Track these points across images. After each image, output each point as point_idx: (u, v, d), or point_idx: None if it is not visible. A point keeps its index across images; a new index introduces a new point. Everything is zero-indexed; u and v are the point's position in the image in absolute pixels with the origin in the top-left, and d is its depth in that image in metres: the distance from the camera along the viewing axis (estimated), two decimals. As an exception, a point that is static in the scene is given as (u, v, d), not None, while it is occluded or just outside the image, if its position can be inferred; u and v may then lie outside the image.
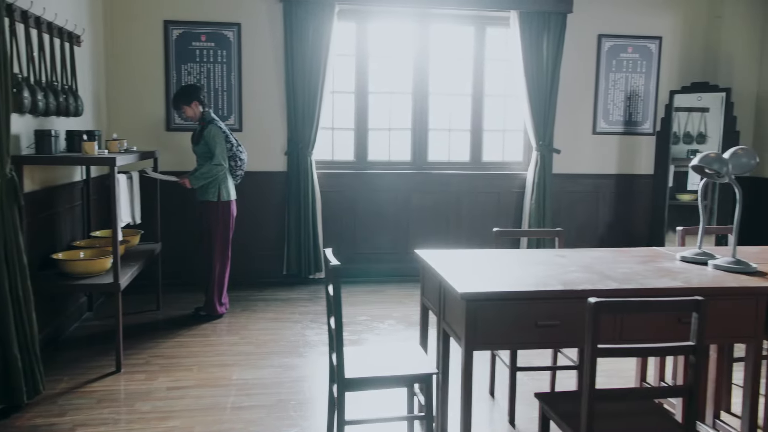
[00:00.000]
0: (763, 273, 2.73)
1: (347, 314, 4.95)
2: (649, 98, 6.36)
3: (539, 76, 5.99)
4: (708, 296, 2.47)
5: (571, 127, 6.29)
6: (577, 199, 6.38)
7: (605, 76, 6.29)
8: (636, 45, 6.28)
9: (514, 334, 2.39)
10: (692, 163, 2.82)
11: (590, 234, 6.41)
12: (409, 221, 6.11)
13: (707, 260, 2.88)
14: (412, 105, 6.19)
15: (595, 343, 1.99)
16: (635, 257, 3.06)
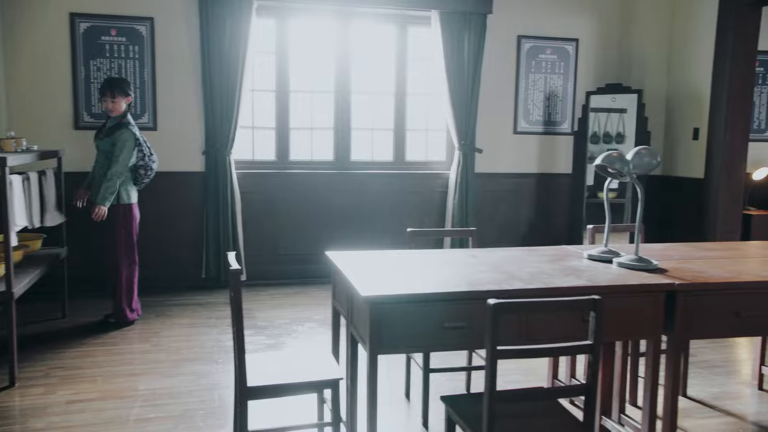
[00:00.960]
0: (663, 270, 2.79)
1: (268, 317, 4.83)
2: (568, 99, 6.50)
3: (460, 75, 6.02)
4: (609, 294, 2.51)
5: (492, 127, 6.35)
6: (499, 198, 6.46)
7: (525, 76, 6.39)
8: (554, 47, 6.41)
9: (420, 337, 2.35)
10: (595, 162, 2.86)
11: (512, 233, 6.50)
12: (332, 222, 6.04)
13: (612, 258, 2.93)
14: (334, 104, 6.12)
15: (495, 344, 1.97)
16: (545, 256, 3.08)
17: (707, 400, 3.50)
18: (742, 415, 3.32)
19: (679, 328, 2.59)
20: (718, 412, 3.36)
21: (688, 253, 3.24)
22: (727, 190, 5.74)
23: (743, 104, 5.69)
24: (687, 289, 2.56)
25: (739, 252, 3.27)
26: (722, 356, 4.19)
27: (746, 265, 2.93)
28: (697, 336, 2.76)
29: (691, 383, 3.70)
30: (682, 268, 2.84)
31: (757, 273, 2.75)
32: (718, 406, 3.43)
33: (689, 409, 3.38)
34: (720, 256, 3.14)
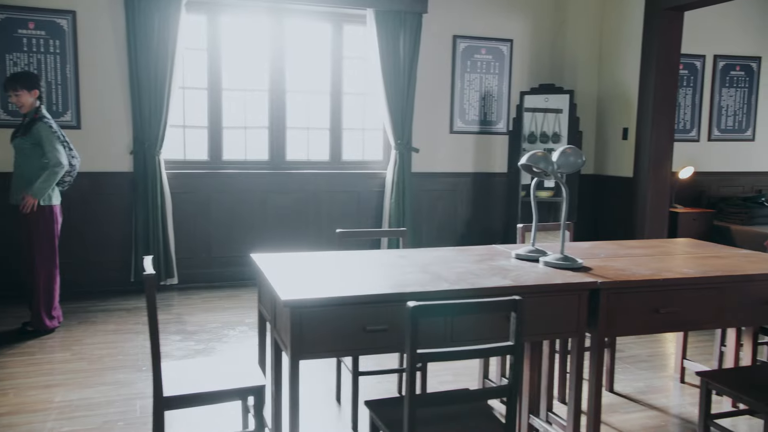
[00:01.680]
0: (588, 268, 2.82)
1: (198, 321, 4.69)
2: (503, 99, 6.56)
3: (396, 75, 6.00)
4: (533, 294, 2.52)
5: (429, 126, 6.36)
6: (437, 198, 6.47)
7: (461, 76, 6.42)
8: (489, 47, 6.46)
9: (342, 341, 2.30)
10: (520, 162, 2.87)
11: (450, 232, 6.52)
12: (267, 223, 5.92)
13: (539, 257, 2.94)
14: (268, 102, 6.00)
15: (414, 348, 1.93)
16: (474, 256, 3.07)
17: (633, 394, 3.57)
18: (665, 408, 3.40)
19: (601, 325, 2.61)
20: (643, 406, 3.43)
21: (614, 251, 3.29)
22: (654, 188, 5.91)
23: (668, 106, 5.87)
24: (609, 287, 2.59)
25: (662, 249, 3.34)
26: (649, 351, 4.29)
27: (667, 262, 3.00)
28: (619, 333, 2.79)
29: (618, 378, 3.77)
30: (606, 266, 2.88)
31: (676, 270, 2.81)
32: (642, 400, 3.50)
33: (615, 404, 3.44)
34: (644, 254, 3.20)
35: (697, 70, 7.18)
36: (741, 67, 7.33)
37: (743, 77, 7.37)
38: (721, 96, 7.33)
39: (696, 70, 7.18)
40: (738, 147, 7.43)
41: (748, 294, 2.80)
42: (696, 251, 3.31)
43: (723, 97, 7.34)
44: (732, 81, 7.34)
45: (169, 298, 5.34)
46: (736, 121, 7.40)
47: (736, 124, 7.39)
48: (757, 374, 2.65)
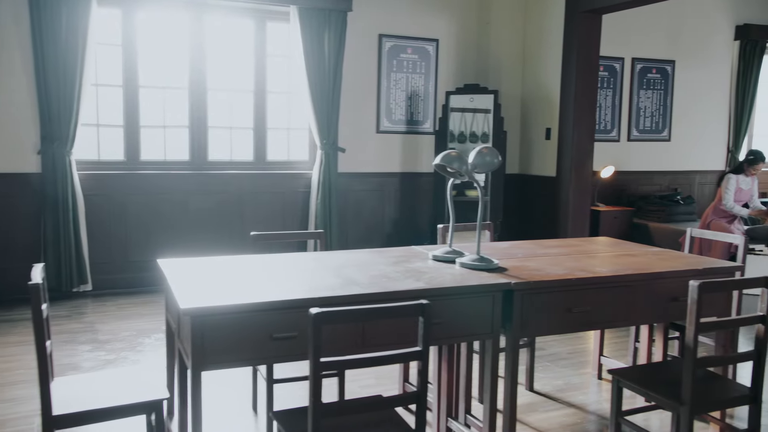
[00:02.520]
0: (503, 269, 2.81)
1: (111, 330, 4.47)
2: (429, 98, 6.56)
3: (321, 73, 5.90)
4: (447, 296, 2.48)
5: (355, 126, 6.29)
6: (364, 198, 6.41)
7: (387, 75, 6.38)
8: (415, 46, 6.45)
9: (249, 350, 2.20)
10: (434, 162, 2.83)
11: (377, 232, 6.47)
12: (188, 225, 5.72)
13: (455, 258, 2.91)
14: (189, 101, 5.80)
15: (317, 356, 1.85)
16: (391, 258, 3.02)
17: (552, 392, 3.60)
18: (582, 405, 3.44)
19: (515, 326, 2.60)
20: (561, 404, 3.46)
21: (532, 250, 3.31)
22: (576, 187, 6.03)
23: (588, 106, 6.00)
24: (523, 288, 2.58)
25: (578, 248, 3.37)
26: (569, 348, 4.35)
27: (582, 261, 3.02)
28: (533, 334, 2.80)
29: (538, 377, 3.80)
30: (522, 266, 2.88)
31: (589, 269, 2.83)
32: (561, 398, 3.53)
33: (535, 404, 3.46)
34: (560, 253, 3.22)
35: (616, 72, 7.38)
36: (657, 70, 7.59)
37: (659, 80, 7.63)
38: (639, 97, 7.57)
39: (615, 72, 7.38)
40: (655, 147, 7.68)
41: (657, 291, 2.85)
42: (610, 250, 3.36)
43: (641, 99, 7.58)
44: (649, 83, 7.58)
45: (82, 305, 5.07)
46: (653, 122, 7.65)
47: (653, 124, 7.64)
48: (664, 370, 2.70)
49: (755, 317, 2.47)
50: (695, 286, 2.31)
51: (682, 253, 3.37)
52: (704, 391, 2.51)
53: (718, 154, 8.11)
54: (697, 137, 7.92)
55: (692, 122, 7.89)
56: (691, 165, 7.96)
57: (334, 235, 6.04)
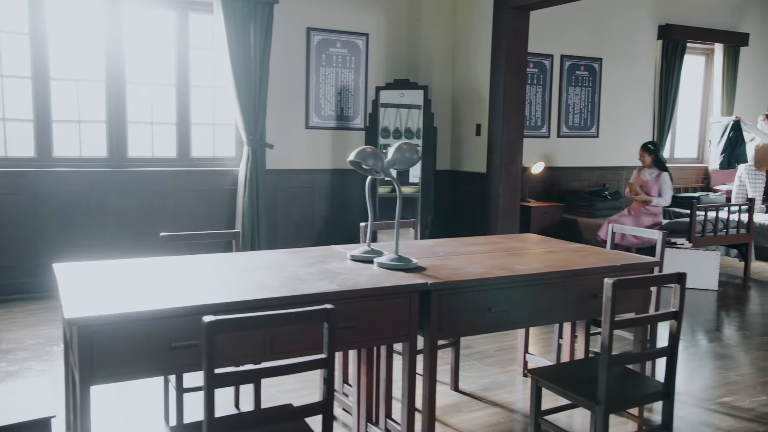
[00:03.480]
0: (422, 269, 2.73)
1: (17, 338, 4.19)
2: (359, 94, 6.46)
3: (247, 67, 5.71)
4: (361, 298, 2.38)
5: (283, 122, 6.12)
6: (293, 195, 6.25)
7: (316, 70, 6.23)
8: (344, 40, 6.33)
9: (145, 361, 2.04)
10: (349, 158, 2.72)
11: (307, 230, 6.33)
12: (106, 225, 5.43)
13: (373, 258, 2.82)
14: (106, 94, 5.51)
15: (211, 368, 1.72)
16: (308, 258, 2.90)
17: (477, 392, 3.56)
18: (507, 404, 3.41)
19: (433, 327, 2.53)
20: (486, 403, 3.41)
21: (454, 248, 3.24)
22: (506, 183, 6.04)
23: (517, 103, 6.01)
24: (440, 288, 2.51)
25: (501, 246, 3.33)
26: (497, 345, 4.32)
27: (503, 259, 2.97)
28: (453, 334, 2.74)
29: (464, 376, 3.75)
30: (442, 265, 2.81)
31: (508, 267, 2.78)
32: (486, 397, 3.49)
33: (459, 404, 3.40)
34: (483, 251, 3.17)
35: (546, 69, 7.46)
36: (585, 68, 7.71)
37: (587, 77, 7.75)
38: (568, 94, 7.67)
39: (545, 69, 7.45)
40: (584, 143, 7.81)
41: (577, 289, 2.83)
42: (532, 247, 3.34)
43: (570, 96, 7.68)
44: (577, 80, 7.70)
45: (-14, 312, 4.75)
46: (582, 118, 7.77)
47: (582, 121, 7.76)
48: (582, 369, 2.68)
49: (668, 313, 2.47)
50: (609, 283, 2.29)
51: (603, 249, 3.38)
52: (620, 389, 2.50)
53: (644, 150, 8.30)
54: (623, 134, 8.09)
55: (619, 119, 8.06)
56: (618, 161, 8.12)
57: (262, 234, 5.87)
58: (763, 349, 4.40)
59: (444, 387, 3.59)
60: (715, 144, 7.73)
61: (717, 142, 7.66)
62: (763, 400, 3.51)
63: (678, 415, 3.28)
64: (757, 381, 3.81)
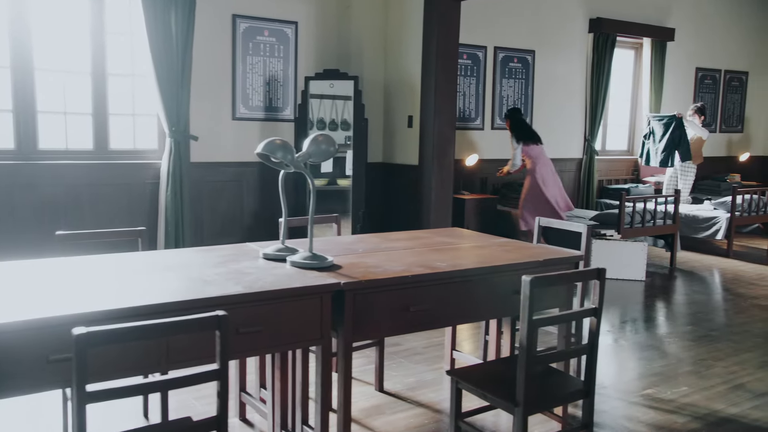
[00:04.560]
0: (338, 267, 2.59)
1: None
2: (289, 84, 6.25)
3: (169, 55, 5.42)
4: (269, 301, 2.23)
5: (209, 112, 5.87)
6: (220, 189, 6.01)
7: (243, 59, 5.99)
8: (272, 28, 6.11)
9: (18, 377, 1.84)
10: (256, 150, 2.56)
11: (235, 225, 6.10)
12: (12, 223, 5.08)
13: (287, 257, 2.66)
14: (11, 82, 5.12)
15: (82, 384, 1.54)
16: (218, 257, 2.73)
17: (402, 392, 3.45)
18: (432, 404, 3.32)
19: (347, 329, 2.40)
20: (410, 404, 3.31)
21: (376, 245, 3.12)
22: (439, 176, 5.96)
23: (449, 94, 5.93)
24: (354, 288, 2.38)
25: (425, 241, 3.22)
26: (426, 342, 4.23)
27: (425, 256, 2.87)
28: (369, 336, 2.61)
29: (390, 375, 3.65)
30: (360, 263, 2.68)
31: (428, 264, 2.67)
32: (411, 397, 3.39)
33: (383, 405, 3.29)
34: (405, 247, 3.06)
35: (479, 61, 7.42)
36: (518, 59, 7.71)
37: (521, 69, 7.76)
38: (502, 86, 7.65)
39: (479, 61, 7.41)
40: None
41: (499, 285, 2.75)
42: (458, 242, 3.25)
43: (504, 88, 7.67)
44: (511, 72, 7.69)
45: None
46: (515, 110, 7.76)
47: (515, 113, 7.75)
48: (503, 368, 2.59)
49: (588, 310, 2.40)
50: (527, 281, 2.20)
51: (529, 244, 3.32)
52: (540, 389, 2.42)
53: (577, 142, 8.40)
54: (556, 126, 8.15)
55: (552, 111, 8.11)
56: (551, 153, 8.10)
57: (187, 231, 5.61)
58: (686, 339, 4.46)
59: (368, 388, 3.48)
60: (655, 141, 7.83)
61: (659, 139, 7.77)
62: (683, 391, 3.53)
63: (602, 410, 3.26)
64: (678, 371, 3.84)
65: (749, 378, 3.75)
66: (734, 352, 4.18)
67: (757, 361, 4.03)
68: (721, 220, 7.28)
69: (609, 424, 3.13)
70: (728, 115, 10.25)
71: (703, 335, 4.54)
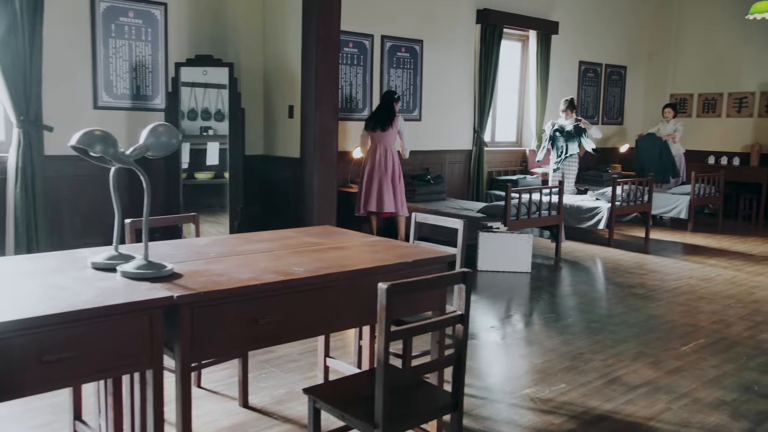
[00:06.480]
0: (178, 275, 2.27)
1: None
2: (159, 70, 5.76)
3: (13, 35, 4.79)
4: (81, 321, 1.88)
5: (65, 101, 5.29)
6: (81, 185, 5.45)
7: (104, 42, 5.45)
8: (138, 9, 5.59)
9: None
10: (70, 143, 2.19)
11: (100, 225, 5.55)
12: None
13: (118, 265, 2.31)
14: None
15: None
16: (41, 267, 2.34)
17: (269, 406, 3.17)
18: (300, 418, 3.05)
19: (183, 349, 2.08)
20: (276, 419, 3.04)
21: (233, 247, 2.81)
22: (322, 169, 5.69)
23: (331, 83, 5.67)
24: (191, 301, 2.07)
25: (288, 242, 2.94)
26: (301, 348, 3.96)
27: (283, 259, 2.58)
28: (212, 355, 2.31)
29: (259, 387, 3.35)
30: (205, 270, 2.36)
31: (283, 270, 2.40)
32: (278, 412, 3.11)
33: (246, 423, 2.99)
34: (265, 249, 2.77)
35: (366, 50, 7.20)
36: (406, 49, 7.55)
37: (408, 59, 7.61)
38: (390, 76, 7.47)
39: (365, 50, 7.19)
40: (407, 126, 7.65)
41: (364, 290, 2.51)
42: (325, 242, 2.99)
43: (392, 78, 7.50)
44: (399, 62, 7.53)
45: None
46: (404, 101, 7.62)
47: (404, 104, 7.61)
48: (364, 383, 2.36)
49: (454, 317, 2.21)
50: (383, 289, 1.97)
51: (400, 243, 3.11)
52: (404, 405, 2.21)
53: (466, 133, 8.37)
54: (445, 117, 8.08)
55: (441, 103, 8.03)
56: (441, 145, 8.11)
57: (41, 231, 5.04)
58: (567, 332, 4.44)
59: (231, 403, 3.17)
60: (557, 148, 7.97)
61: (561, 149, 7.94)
62: (562, 389, 3.47)
63: (482, 416, 3.12)
64: (558, 368, 3.78)
65: (624, 371, 3.75)
66: (612, 344, 4.19)
67: (632, 352, 4.05)
68: (603, 210, 7.46)
69: (485, 431, 2.99)
70: (609, 108, 10.61)
71: (583, 328, 4.54)
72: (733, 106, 10.05)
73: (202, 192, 5.87)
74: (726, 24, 9.94)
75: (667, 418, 3.16)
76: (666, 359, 3.94)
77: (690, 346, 4.20)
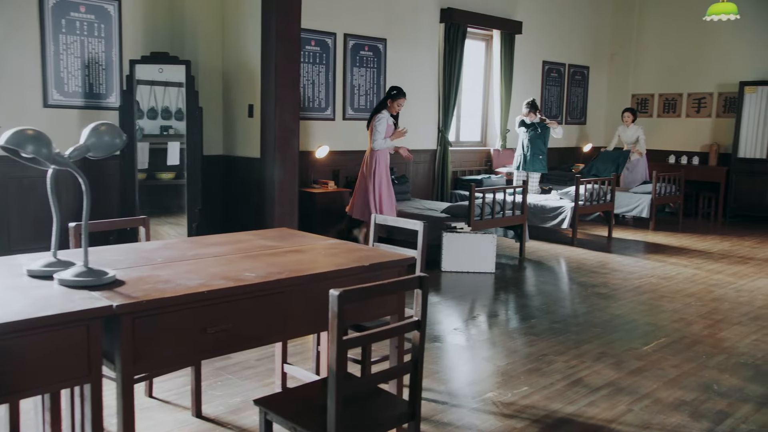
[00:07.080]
0: (120, 283, 2.15)
1: None
2: (113, 68, 5.58)
3: (-43, 30, 4.61)
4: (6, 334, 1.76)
5: (11, 99, 5.08)
6: (30, 186, 5.24)
7: (54, 38, 5.25)
8: (90, 4, 5.40)
9: None
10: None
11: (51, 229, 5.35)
12: None
13: (55, 273, 2.18)
14: None
15: None
16: (-32, 276, 2.18)
17: (223, 415, 3.06)
18: (253, 428, 2.95)
19: (125, 362, 1.97)
20: (230, 429, 2.93)
21: (183, 251, 2.69)
22: (282, 169, 5.57)
23: (291, 81, 5.55)
24: (132, 311, 1.95)
25: (241, 246, 2.84)
26: (260, 353, 3.84)
27: (234, 264, 2.48)
28: (157, 366, 2.19)
29: (213, 395, 3.24)
30: (150, 277, 2.24)
31: (233, 276, 2.29)
32: (232, 421, 3.00)
33: (198, 435, 2.88)
34: (217, 254, 2.66)
35: (329, 48, 7.09)
36: (369, 48, 7.47)
37: (372, 58, 7.53)
38: (353, 75, 7.38)
39: (328, 48, 7.08)
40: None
41: (319, 295, 2.42)
42: (281, 245, 2.89)
43: (355, 77, 7.41)
44: (362, 61, 7.44)
45: None
46: (368, 100, 7.54)
47: (368, 103, 7.52)
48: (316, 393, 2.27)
49: (411, 324, 2.14)
50: (335, 296, 1.89)
51: (358, 245, 3.02)
52: (359, 416, 2.13)
53: (431, 133, 8.32)
54: (410, 117, 8.00)
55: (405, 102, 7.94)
56: (405, 144, 8.02)
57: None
58: (531, 333, 4.41)
59: (184, 414, 3.05)
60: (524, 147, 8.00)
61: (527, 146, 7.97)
62: (524, 392, 3.42)
63: (445, 422, 3.06)
64: (520, 370, 3.74)
65: (587, 372, 3.72)
66: (574, 345, 4.17)
67: (594, 353, 4.03)
68: (566, 209, 7.48)
69: (447, 436, 2.93)
70: (572, 108, 10.68)
71: (546, 328, 4.52)
72: (693, 107, 10.21)
73: (162, 193, 5.70)
74: (685, 25, 10.09)
75: (629, 419, 3.14)
76: (628, 359, 3.93)
77: (651, 345, 4.20)
